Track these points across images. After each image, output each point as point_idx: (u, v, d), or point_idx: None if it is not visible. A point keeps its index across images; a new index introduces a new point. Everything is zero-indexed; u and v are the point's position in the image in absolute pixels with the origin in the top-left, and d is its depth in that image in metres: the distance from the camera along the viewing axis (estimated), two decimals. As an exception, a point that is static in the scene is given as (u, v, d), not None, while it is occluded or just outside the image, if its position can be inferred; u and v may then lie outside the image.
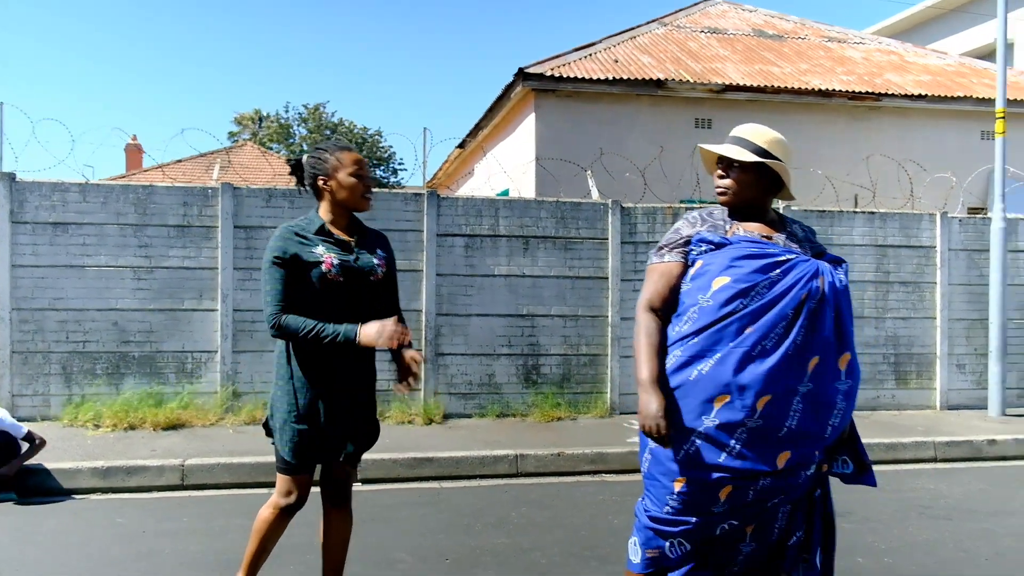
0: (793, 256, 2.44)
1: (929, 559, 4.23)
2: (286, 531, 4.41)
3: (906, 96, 12.15)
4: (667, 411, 2.39)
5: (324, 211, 3.02)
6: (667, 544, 2.51)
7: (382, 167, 38.56)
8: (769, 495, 2.43)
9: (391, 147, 39.61)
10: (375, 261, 3.00)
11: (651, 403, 2.40)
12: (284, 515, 3.05)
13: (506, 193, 9.80)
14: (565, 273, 8.17)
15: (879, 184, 9.64)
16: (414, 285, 7.87)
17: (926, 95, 12.20)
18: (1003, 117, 8.52)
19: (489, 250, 8.04)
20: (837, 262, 2.53)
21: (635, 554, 2.61)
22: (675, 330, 2.49)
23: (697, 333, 2.41)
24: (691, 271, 2.53)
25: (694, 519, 2.44)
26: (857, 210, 8.95)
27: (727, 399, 2.34)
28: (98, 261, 7.35)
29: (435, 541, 4.48)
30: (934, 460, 6.96)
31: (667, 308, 2.55)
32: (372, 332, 2.84)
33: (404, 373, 3.07)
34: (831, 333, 2.40)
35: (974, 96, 12.32)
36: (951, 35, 22.92)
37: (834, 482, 2.71)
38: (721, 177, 2.60)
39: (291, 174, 3.13)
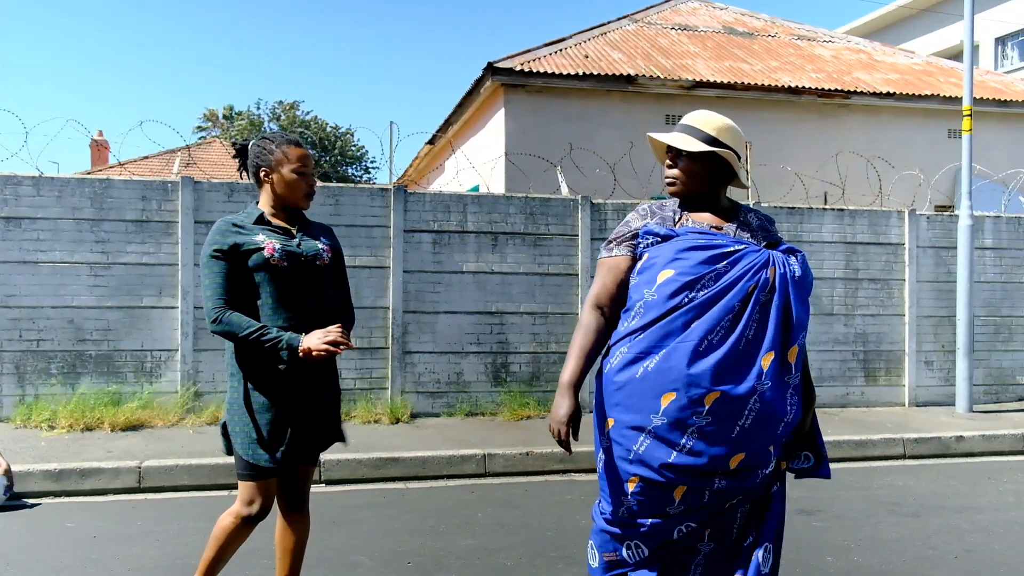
0: (742, 247, 2.35)
1: (897, 557, 4.19)
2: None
3: (875, 94, 12.23)
4: (572, 417, 2.35)
5: (264, 203, 2.92)
6: (623, 547, 2.42)
7: (354, 166, 38.25)
8: (726, 496, 2.34)
9: (363, 147, 39.33)
10: (320, 246, 2.90)
11: (561, 407, 2.36)
12: (246, 524, 2.89)
13: (476, 189, 9.69)
14: (534, 270, 8.08)
15: (848, 181, 9.67)
16: (381, 282, 7.73)
17: (894, 93, 12.29)
18: (970, 115, 8.56)
19: (457, 246, 7.92)
20: (792, 252, 2.44)
21: (593, 558, 2.53)
22: (623, 325, 2.41)
23: (643, 329, 2.32)
24: (639, 264, 2.45)
25: (649, 521, 2.35)
26: (826, 207, 8.95)
27: (674, 396, 2.25)
28: (53, 257, 7.12)
29: (398, 543, 4.36)
30: (903, 457, 6.97)
31: (616, 304, 2.48)
32: (313, 341, 2.71)
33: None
34: (781, 326, 2.31)
35: (941, 95, 12.44)
36: (919, 36, 23.23)
37: (794, 480, 2.65)
38: (670, 167, 2.52)
39: (234, 157, 3.02)
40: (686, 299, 2.29)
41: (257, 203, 2.93)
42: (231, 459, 2.94)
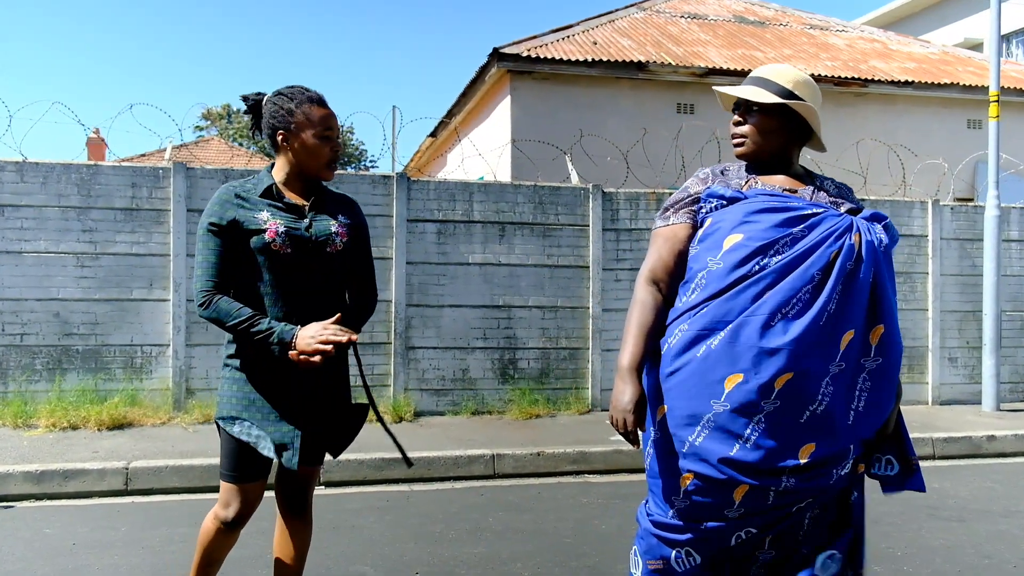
0: (820, 210, 2.03)
1: (951, 567, 3.84)
2: (239, 542, 3.86)
3: (892, 83, 11.88)
4: (639, 404, 2.07)
5: (279, 169, 2.55)
6: (673, 554, 2.08)
7: (353, 164, 37.94)
8: (794, 498, 1.99)
9: (362, 143, 39.03)
10: (333, 228, 2.50)
11: (624, 393, 2.08)
12: (225, 528, 2.57)
13: (481, 179, 9.34)
14: (543, 261, 7.71)
15: (868, 171, 9.31)
16: (383, 274, 7.37)
17: (912, 82, 11.95)
18: (997, 100, 8.21)
19: (463, 237, 7.56)
20: (876, 219, 2.09)
21: (636, 566, 2.19)
22: (681, 300, 2.10)
23: (706, 302, 2.01)
24: (700, 232, 2.13)
25: (704, 524, 2.02)
26: (847, 197, 8.60)
27: (740, 379, 1.92)
28: (37, 247, 6.76)
29: (404, 551, 4.01)
30: (932, 457, 6.62)
31: (673, 279, 2.17)
32: (306, 338, 2.35)
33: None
34: (867, 301, 1.98)
35: (961, 83, 12.09)
36: (928, 32, 22.90)
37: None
38: (738, 124, 2.21)
39: (246, 113, 2.59)
40: (757, 267, 1.97)
41: (270, 168, 2.57)
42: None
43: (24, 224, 6.73)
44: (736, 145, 2.22)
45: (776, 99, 2.13)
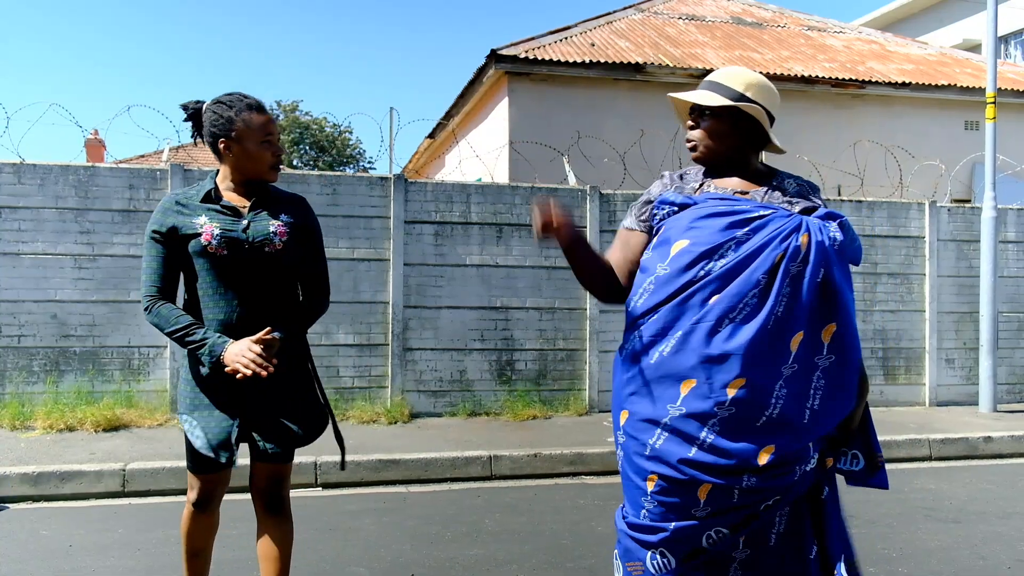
0: (768, 212, 2.02)
1: (946, 568, 3.84)
2: (235, 543, 3.89)
3: (890, 84, 11.89)
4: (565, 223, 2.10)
5: (223, 176, 2.61)
6: (648, 556, 2.08)
7: (351, 165, 37.89)
8: (759, 497, 1.99)
9: (360, 144, 38.95)
10: (271, 228, 2.53)
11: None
12: (194, 512, 2.69)
13: (479, 181, 9.34)
14: (541, 263, 7.72)
15: (865, 173, 9.32)
16: (380, 275, 7.38)
17: (910, 83, 11.95)
18: (994, 102, 8.22)
19: (460, 238, 7.56)
20: (832, 217, 2.08)
21: (617, 570, 2.19)
22: (631, 306, 2.11)
23: (656, 308, 2.02)
24: (654, 240, 2.15)
25: (673, 524, 2.02)
26: (844, 199, 8.62)
27: (693, 384, 1.94)
28: (35, 248, 6.76)
29: (400, 553, 4.01)
30: (929, 458, 6.63)
31: (625, 276, 2.22)
32: (235, 353, 2.39)
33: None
34: (816, 301, 1.96)
35: (958, 85, 12.10)
36: (925, 34, 22.92)
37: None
38: (691, 128, 2.23)
39: (185, 120, 2.63)
40: (702, 271, 1.98)
41: (215, 175, 2.61)
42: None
43: (22, 226, 6.73)
44: (691, 150, 2.23)
45: (723, 102, 2.13)
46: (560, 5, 71.89)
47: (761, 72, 11.34)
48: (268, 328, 2.45)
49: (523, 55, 10.68)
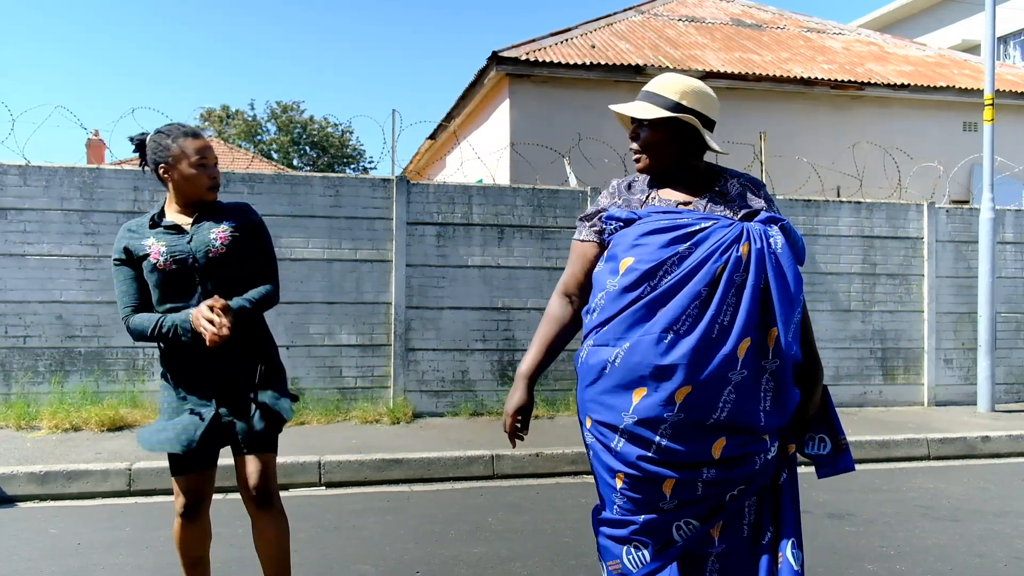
0: (709, 224, 2.09)
1: (943, 565, 3.89)
2: (241, 541, 3.96)
3: (889, 85, 11.94)
4: (521, 410, 2.29)
5: (169, 200, 2.86)
6: (623, 552, 2.17)
7: (351, 166, 37.93)
8: (722, 487, 2.08)
9: (361, 145, 39.01)
10: (212, 236, 2.75)
11: (511, 398, 2.31)
12: (182, 520, 2.81)
13: (480, 182, 9.39)
14: (542, 264, 7.77)
15: (864, 174, 9.37)
16: (383, 276, 7.43)
17: (909, 85, 12.00)
18: (992, 104, 8.27)
19: (462, 239, 7.62)
20: (773, 221, 2.15)
21: (603, 569, 2.27)
22: (588, 318, 2.21)
23: (607, 322, 2.12)
24: (606, 251, 2.24)
25: (642, 517, 2.12)
26: (843, 200, 8.67)
27: (644, 392, 2.03)
28: (40, 250, 6.81)
29: (404, 551, 4.06)
30: (927, 458, 6.68)
31: (585, 292, 2.31)
32: (195, 313, 2.62)
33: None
34: (760, 308, 2.04)
35: (957, 87, 12.15)
36: (924, 34, 22.98)
37: (818, 480, 2.34)
38: (633, 139, 2.28)
39: (134, 151, 2.87)
40: (648, 288, 2.06)
41: (166, 200, 2.87)
42: (226, 461, 2.87)
43: (27, 227, 6.78)
44: (635, 161, 2.29)
45: (659, 113, 2.19)
46: (561, 7, 71.98)
47: (761, 74, 11.41)
48: (215, 295, 2.64)
49: (524, 57, 10.74)
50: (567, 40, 12.00)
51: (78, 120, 7.01)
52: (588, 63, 10.86)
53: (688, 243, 2.06)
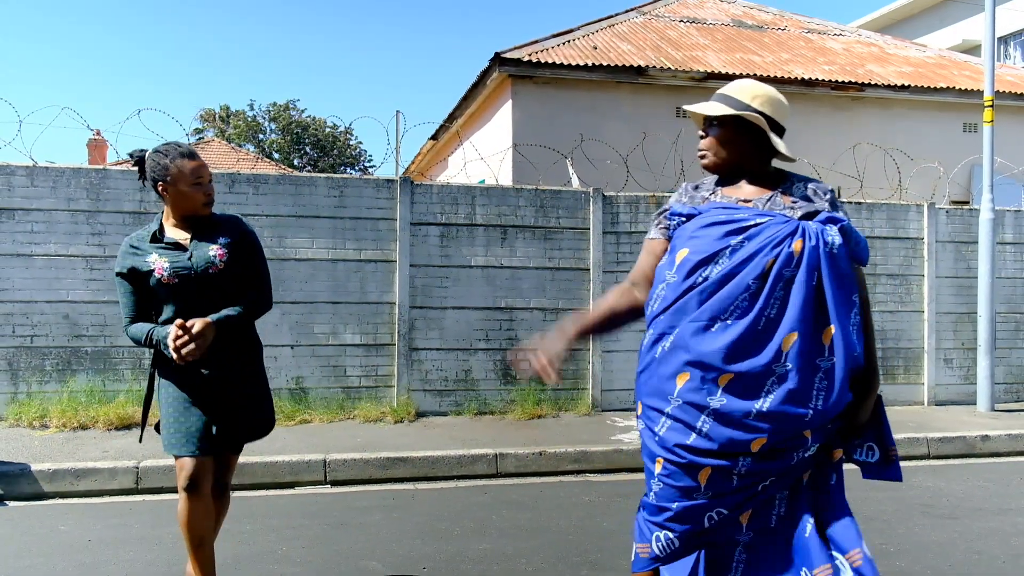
0: (765, 219, 2.15)
1: (942, 562, 3.95)
2: (250, 538, 4.03)
3: (889, 87, 11.98)
4: (556, 355, 2.41)
5: (167, 215, 3.08)
6: (654, 537, 2.25)
7: (352, 166, 37.98)
8: (756, 479, 2.13)
9: (361, 144, 39.05)
10: (211, 253, 3.00)
11: (549, 342, 2.43)
12: (188, 497, 2.97)
13: (482, 183, 9.43)
14: (545, 264, 7.83)
15: (864, 174, 9.43)
16: (387, 276, 7.49)
17: (909, 86, 12.05)
18: (991, 105, 8.31)
19: (465, 240, 7.67)
20: (833, 221, 2.18)
21: (633, 552, 2.36)
22: (649, 308, 2.31)
23: (664, 311, 2.21)
24: (669, 245, 2.34)
25: (676, 504, 2.20)
26: (844, 200, 8.71)
27: (687, 377, 2.12)
28: (47, 250, 6.87)
29: (410, 547, 4.12)
30: (927, 457, 6.73)
31: (650, 283, 2.40)
32: (170, 339, 2.85)
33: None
34: (810, 304, 2.08)
35: (957, 87, 12.19)
36: (925, 35, 23.01)
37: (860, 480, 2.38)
38: (701, 138, 2.37)
39: (134, 166, 3.08)
40: (700, 278, 2.15)
41: (162, 213, 3.09)
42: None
43: (34, 227, 6.84)
44: (700, 158, 2.37)
45: (726, 111, 2.26)
46: (563, 8, 72.06)
47: (761, 75, 11.45)
48: (179, 321, 2.83)
49: (526, 58, 10.79)
50: (569, 41, 12.05)
51: (84, 121, 7.06)
52: (590, 64, 10.92)
53: (741, 236, 2.12)
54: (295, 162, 36.09)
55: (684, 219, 2.28)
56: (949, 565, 3.90)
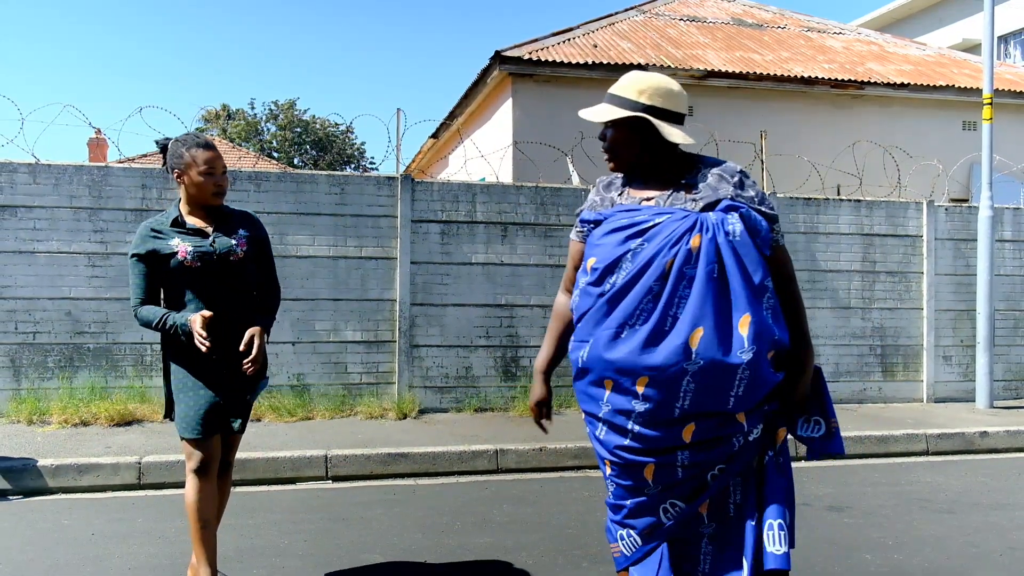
0: (663, 218, 2.14)
1: (940, 555, 3.98)
2: (253, 532, 4.07)
3: (889, 85, 12.01)
4: (540, 403, 2.52)
5: (183, 201, 3.19)
6: (618, 536, 2.33)
7: (352, 164, 38.01)
8: (701, 468, 2.18)
9: (362, 143, 39.09)
10: (233, 242, 3.15)
11: (533, 392, 2.53)
12: (198, 477, 3.10)
13: (483, 181, 9.46)
14: (545, 261, 7.86)
15: (864, 172, 9.45)
16: (387, 274, 7.51)
17: (909, 84, 12.08)
18: (991, 103, 8.34)
19: (466, 237, 7.70)
20: (733, 209, 2.16)
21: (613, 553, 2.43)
22: (573, 316, 2.36)
23: (580, 319, 2.26)
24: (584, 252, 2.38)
25: (629, 501, 2.27)
26: (843, 198, 8.74)
27: (612, 384, 2.17)
28: (49, 247, 6.90)
29: (412, 541, 4.15)
30: (926, 453, 6.76)
31: None
32: (192, 324, 2.98)
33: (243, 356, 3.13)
34: (713, 297, 2.08)
35: (956, 86, 12.22)
36: (924, 34, 23.02)
37: (823, 472, 2.41)
38: (602, 140, 2.36)
39: (159, 153, 3.25)
40: (608, 285, 2.18)
41: (179, 201, 3.20)
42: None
43: (37, 224, 6.87)
44: (607, 161, 2.35)
45: (618, 114, 2.25)
46: (563, 7, 72.07)
47: (761, 73, 11.48)
48: (205, 313, 2.98)
49: (527, 56, 10.82)
50: (569, 40, 12.08)
51: (86, 119, 7.10)
52: (590, 63, 10.95)
53: (640, 239, 2.13)
54: (295, 160, 36.12)
55: (592, 225, 2.30)
56: (946, 558, 3.93)
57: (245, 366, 3.06)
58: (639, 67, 11.07)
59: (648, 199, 2.25)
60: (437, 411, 7.52)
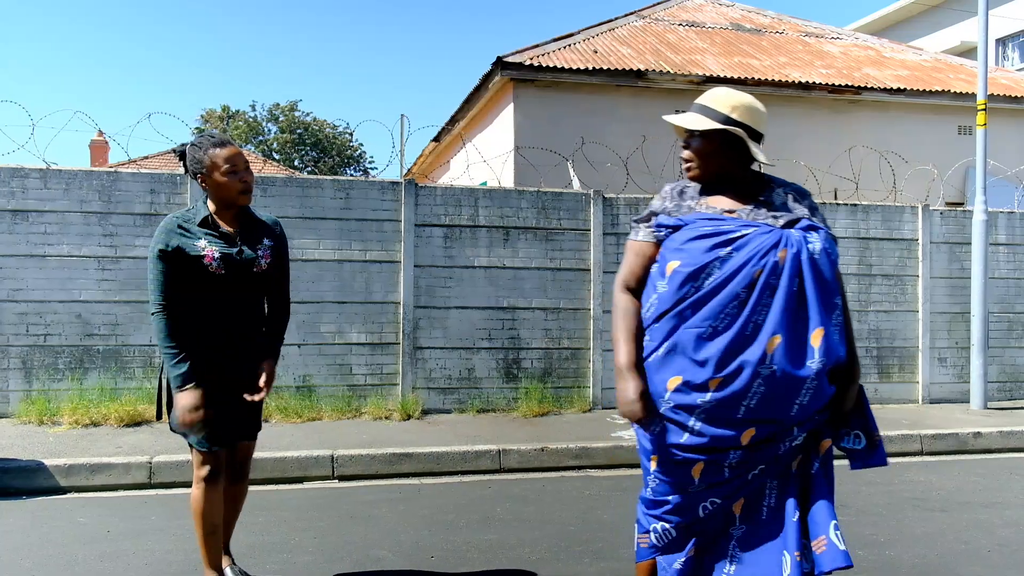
0: (750, 230, 2.28)
1: (930, 552, 4.10)
2: (263, 529, 4.19)
3: (885, 90, 12.14)
4: (643, 394, 2.36)
5: (210, 202, 3.11)
6: (652, 529, 2.45)
7: (352, 167, 38.12)
8: (746, 468, 2.31)
9: (361, 145, 39.20)
10: (258, 253, 3.10)
11: (627, 389, 2.37)
12: (208, 485, 3.13)
13: (484, 184, 9.58)
14: (546, 265, 7.98)
15: (860, 177, 9.58)
16: (391, 277, 7.64)
17: (905, 89, 12.20)
18: (984, 108, 8.47)
19: (468, 241, 7.82)
20: (813, 228, 2.32)
21: (635, 543, 2.55)
22: (644, 315, 2.44)
23: (657, 319, 2.36)
24: (660, 252, 2.45)
25: (672, 498, 2.38)
26: (840, 202, 8.87)
27: (679, 380, 2.28)
28: (60, 251, 7.03)
29: (418, 537, 4.27)
30: (920, 453, 6.88)
31: (643, 284, 2.50)
32: (179, 406, 2.97)
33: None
34: (792, 308, 2.23)
35: (952, 91, 12.35)
36: (922, 37, 23.15)
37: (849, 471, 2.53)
38: (684, 149, 2.48)
39: (178, 161, 3.21)
40: (692, 289, 2.28)
41: (205, 200, 3.13)
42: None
43: (48, 229, 6.99)
44: (686, 169, 2.48)
45: (710, 125, 2.38)
46: (563, 12, 72.29)
47: (759, 78, 11.61)
48: (201, 412, 2.98)
49: (528, 62, 10.95)
50: (570, 45, 12.21)
51: (95, 124, 7.25)
52: (591, 68, 11.07)
53: (729, 248, 2.26)
54: (296, 162, 36.24)
55: (671, 230, 2.40)
56: (937, 554, 4.06)
57: (251, 398, 3.08)
58: (638, 73, 11.19)
59: (729, 211, 2.38)
60: (440, 412, 7.64)
